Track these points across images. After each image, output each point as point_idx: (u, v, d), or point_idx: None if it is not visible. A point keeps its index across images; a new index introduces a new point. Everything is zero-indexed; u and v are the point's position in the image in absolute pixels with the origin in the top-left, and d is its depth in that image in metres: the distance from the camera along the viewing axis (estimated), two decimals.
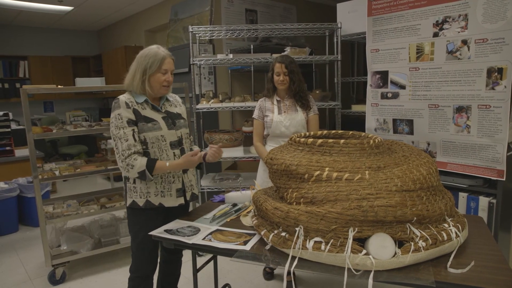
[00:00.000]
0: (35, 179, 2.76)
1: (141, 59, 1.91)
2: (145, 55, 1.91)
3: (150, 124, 1.93)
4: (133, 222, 2.03)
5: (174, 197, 2.02)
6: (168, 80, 1.95)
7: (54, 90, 2.95)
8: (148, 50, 1.93)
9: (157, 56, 1.90)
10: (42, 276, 3.02)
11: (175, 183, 2.02)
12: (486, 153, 2.41)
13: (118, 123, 1.87)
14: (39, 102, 7.40)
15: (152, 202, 1.97)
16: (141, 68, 1.90)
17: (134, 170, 1.84)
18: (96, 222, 3.35)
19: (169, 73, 1.96)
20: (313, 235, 1.43)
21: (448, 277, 1.32)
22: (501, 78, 2.29)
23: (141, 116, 1.92)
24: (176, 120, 2.06)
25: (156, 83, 1.93)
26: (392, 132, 2.93)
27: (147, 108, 1.96)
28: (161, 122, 1.97)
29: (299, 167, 1.55)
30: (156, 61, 1.89)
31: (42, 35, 7.38)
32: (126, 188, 2.03)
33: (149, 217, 1.99)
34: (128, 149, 1.84)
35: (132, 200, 1.99)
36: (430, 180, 1.50)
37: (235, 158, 3.36)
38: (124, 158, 1.84)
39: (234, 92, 4.74)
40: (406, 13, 2.71)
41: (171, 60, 1.97)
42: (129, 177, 1.96)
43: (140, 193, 1.97)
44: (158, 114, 1.99)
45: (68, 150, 6.66)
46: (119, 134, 1.86)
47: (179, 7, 5.17)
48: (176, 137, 2.02)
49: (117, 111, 1.89)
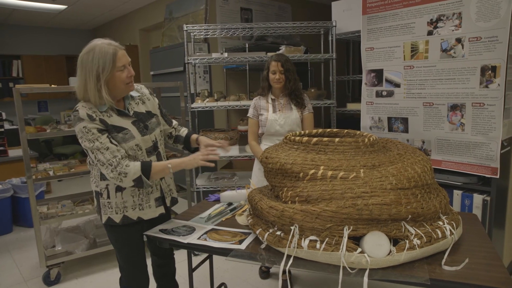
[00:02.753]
0: (28, 179, 2.74)
1: (88, 64, 1.59)
2: (91, 58, 1.59)
3: (121, 135, 1.69)
4: (114, 239, 1.87)
5: (153, 208, 1.84)
6: (130, 75, 1.68)
7: (48, 89, 2.93)
8: (91, 51, 1.60)
9: (106, 53, 1.60)
10: (37, 277, 3.00)
11: (153, 193, 1.84)
12: (480, 151, 2.42)
13: (88, 136, 1.62)
14: (33, 102, 7.36)
15: (129, 217, 1.79)
16: (92, 74, 1.59)
17: (129, 178, 1.64)
18: (91, 222, 3.33)
19: (128, 66, 1.68)
20: (308, 234, 1.43)
21: (443, 274, 1.33)
22: (494, 76, 2.30)
23: (109, 125, 1.67)
24: (147, 121, 1.81)
25: (118, 84, 1.66)
26: (387, 130, 2.94)
27: (113, 115, 1.70)
28: (132, 128, 1.73)
29: (294, 166, 1.54)
30: (107, 61, 1.59)
31: (36, 34, 7.33)
32: (99, 204, 1.80)
33: (130, 233, 1.83)
34: (114, 156, 1.62)
35: (107, 217, 1.78)
36: (425, 178, 1.51)
37: (230, 157, 3.36)
38: (114, 167, 1.62)
39: (230, 91, 4.73)
40: (400, 12, 2.71)
41: (124, 52, 1.68)
42: (123, 186, 1.72)
43: (116, 208, 1.77)
44: (127, 120, 1.74)
45: (62, 150, 6.62)
46: (95, 146, 1.62)
47: (174, 6, 5.15)
48: (151, 142, 1.80)
49: (81, 123, 1.62)
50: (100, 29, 7.67)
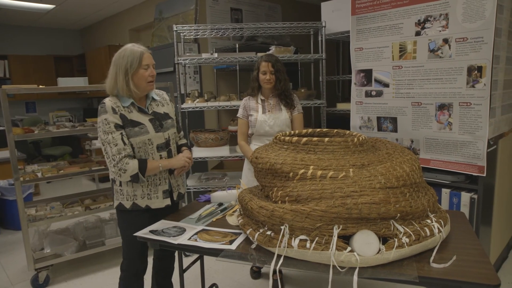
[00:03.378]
0: (16, 181, 2.71)
1: (119, 61, 1.88)
2: (122, 55, 1.89)
3: (137, 129, 1.92)
4: (122, 223, 2.06)
5: (160, 199, 2.03)
6: (152, 75, 1.94)
7: (35, 90, 2.90)
8: (123, 51, 1.90)
9: (135, 53, 1.88)
10: (25, 281, 2.97)
11: (161, 185, 2.03)
12: (468, 149, 2.46)
13: (105, 128, 1.86)
14: (20, 103, 7.25)
15: (138, 205, 1.98)
16: (122, 69, 1.87)
17: (127, 174, 1.86)
18: (81, 224, 3.30)
19: (151, 67, 1.95)
20: (298, 233, 1.44)
21: (431, 272, 1.34)
22: (480, 76, 2.34)
23: (127, 120, 1.91)
24: (163, 121, 2.05)
25: (141, 80, 1.91)
26: (376, 130, 2.96)
27: (133, 111, 1.95)
28: (148, 125, 1.96)
29: (284, 166, 1.55)
30: (135, 59, 1.87)
31: (23, 34, 7.22)
32: (113, 190, 2.04)
33: (137, 218, 2.01)
34: (119, 153, 1.85)
35: (119, 202, 2.00)
36: (413, 177, 1.52)
37: (221, 157, 3.35)
38: (116, 163, 1.85)
39: (220, 91, 4.73)
40: (389, 12, 2.74)
41: (149, 55, 1.95)
42: (121, 181, 1.96)
43: (126, 195, 1.98)
44: (145, 116, 1.98)
45: (51, 151, 6.55)
46: (107, 139, 1.86)
47: (164, 6, 5.12)
48: (164, 139, 2.02)
49: (104, 115, 1.88)
50: (89, 29, 7.60)
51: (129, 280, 2.07)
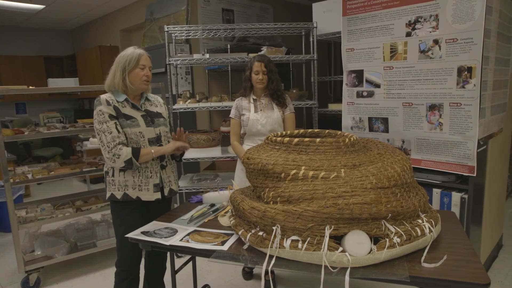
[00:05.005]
0: (6, 183, 2.68)
1: (120, 59, 2.04)
2: (123, 55, 2.04)
3: (129, 121, 2.03)
4: (115, 217, 2.12)
5: (151, 192, 2.09)
6: (147, 75, 2.07)
7: (25, 91, 2.87)
8: (125, 51, 2.06)
9: (134, 54, 2.03)
10: (15, 283, 2.93)
11: (152, 178, 2.09)
12: (458, 149, 2.48)
13: (100, 118, 1.98)
14: (10, 104, 7.16)
15: (129, 195, 2.05)
16: (120, 66, 2.02)
17: (121, 159, 1.95)
18: (72, 225, 3.27)
19: (147, 69, 2.08)
20: (290, 234, 1.44)
21: (422, 271, 1.35)
22: (470, 77, 2.36)
23: (121, 113, 2.02)
24: (155, 118, 2.15)
25: (136, 79, 2.04)
26: (368, 130, 2.98)
27: (127, 106, 2.06)
28: (140, 119, 2.07)
29: (275, 166, 1.55)
30: (133, 58, 2.02)
31: (12, 34, 7.14)
32: (105, 184, 2.12)
33: (129, 211, 2.07)
34: (113, 141, 1.95)
35: (110, 193, 2.07)
36: (404, 177, 1.53)
37: (213, 158, 3.34)
38: (110, 149, 1.94)
39: (212, 92, 4.72)
40: (379, 13, 2.75)
41: (148, 57, 2.09)
42: (115, 167, 2.04)
43: (118, 185, 2.06)
44: (138, 112, 2.09)
45: (42, 153, 6.48)
46: (102, 128, 1.97)
47: (155, 7, 5.10)
48: (155, 134, 2.11)
49: (99, 107, 1.99)
50: (79, 30, 7.53)
51: (123, 275, 2.10)
